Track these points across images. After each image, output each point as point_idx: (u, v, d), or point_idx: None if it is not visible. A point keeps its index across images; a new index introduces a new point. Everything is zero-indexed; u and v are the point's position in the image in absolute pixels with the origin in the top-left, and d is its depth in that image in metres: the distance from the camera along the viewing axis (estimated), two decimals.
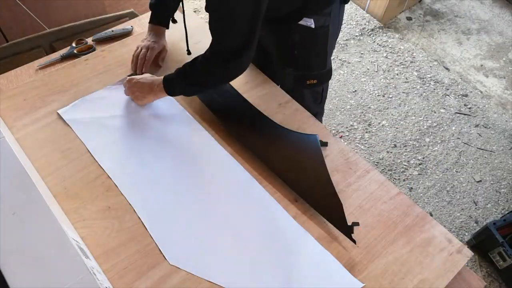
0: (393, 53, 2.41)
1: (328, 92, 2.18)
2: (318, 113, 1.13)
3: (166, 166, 0.97)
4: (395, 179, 1.88)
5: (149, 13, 1.36)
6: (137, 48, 1.14)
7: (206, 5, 0.88)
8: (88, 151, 0.96)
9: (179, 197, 0.92)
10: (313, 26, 1.02)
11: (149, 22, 1.17)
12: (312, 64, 1.14)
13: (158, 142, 1.01)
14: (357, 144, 1.99)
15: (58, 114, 1.03)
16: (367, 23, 2.55)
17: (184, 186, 0.94)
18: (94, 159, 0.95)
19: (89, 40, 1.24)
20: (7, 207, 0.74)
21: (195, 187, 0.94)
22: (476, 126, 2.12)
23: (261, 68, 1.18)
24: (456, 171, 1.93)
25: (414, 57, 2.40)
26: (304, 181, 0.95)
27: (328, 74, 1.18)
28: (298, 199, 0.93)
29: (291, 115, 1.08)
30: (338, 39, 1.22)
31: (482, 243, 1.64)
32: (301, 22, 1.02)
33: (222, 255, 0.84)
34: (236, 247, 0.85)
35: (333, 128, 2.04)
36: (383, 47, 2.44)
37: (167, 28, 1.18)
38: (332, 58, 2.34)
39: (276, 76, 1.19)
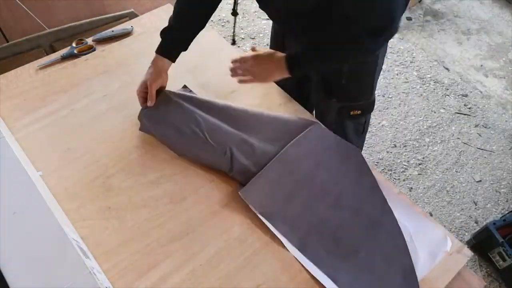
0: (393, 53, 2.41)
1: None
2: (359, 146, 1.08)
3: None
4: (395, 179, 1.88)
5: (149, 13, 1.35)
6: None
7: None
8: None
9: None
10: None
11: (155, 51, 1.00)
12: (359, 94, 1.09)
13: None
14: None
15: (57, 113, 1.03)
16: None
17: None
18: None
19: (89, 40, 1.24)
20: (7, 207, 0.75)
21: None
22: (476, 126, 2.12)
23: (299, 100, 1.13)
24: (456, 171, 1.93)
25: (414, 57, 2.40)
26: None
27: (372, 104, 1.14)
28: None
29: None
30: None
31: (482, 243, 1.64)
32: None
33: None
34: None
35: None
36: None
37: (173, 61, 1.02)
38: None
39: (318, 107, 1.13)
